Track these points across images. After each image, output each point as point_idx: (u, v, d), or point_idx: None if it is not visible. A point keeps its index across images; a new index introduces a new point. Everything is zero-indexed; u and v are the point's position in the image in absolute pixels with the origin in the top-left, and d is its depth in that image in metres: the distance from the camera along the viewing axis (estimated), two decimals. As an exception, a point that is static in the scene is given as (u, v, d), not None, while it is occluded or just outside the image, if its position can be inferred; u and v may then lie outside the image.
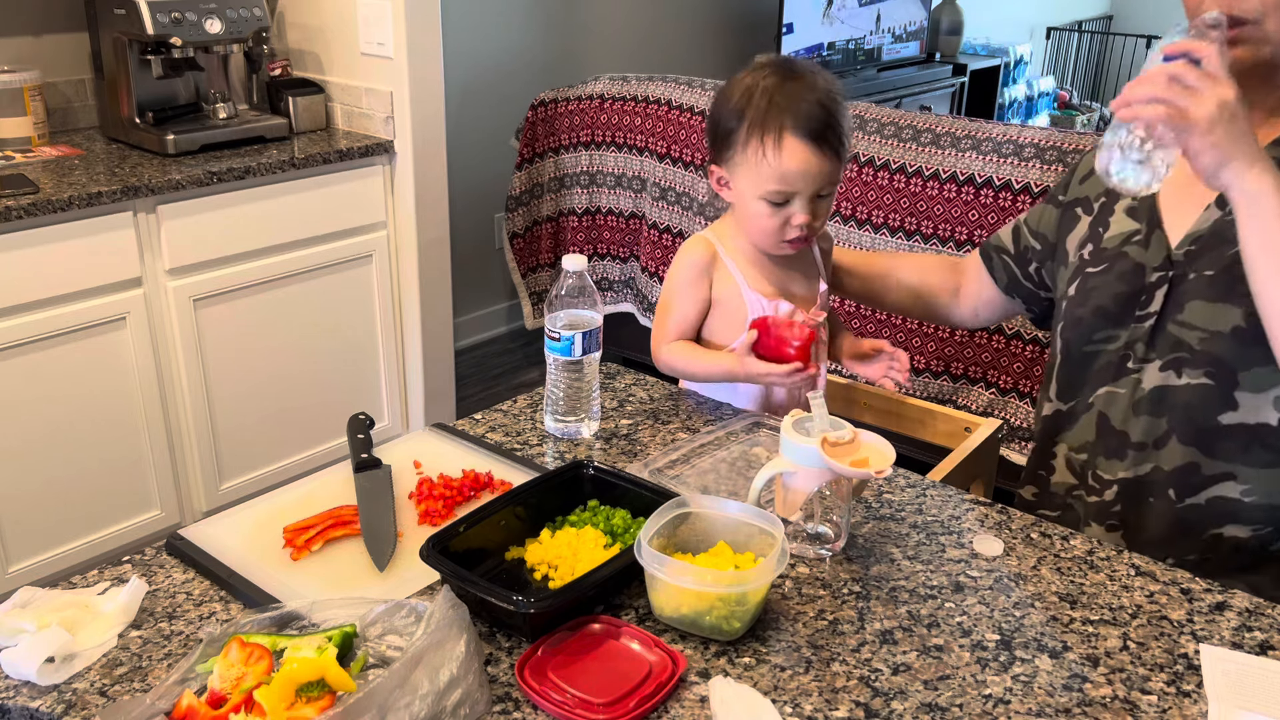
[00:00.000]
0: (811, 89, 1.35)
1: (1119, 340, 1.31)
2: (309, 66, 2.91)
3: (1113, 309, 1.32)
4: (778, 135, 1.34)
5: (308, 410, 2.73)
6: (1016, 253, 1.52)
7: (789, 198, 1.37)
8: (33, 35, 2.64)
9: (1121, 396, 1.31)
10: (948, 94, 5.29)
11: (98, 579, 1.07)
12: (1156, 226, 1.30)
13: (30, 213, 2.12)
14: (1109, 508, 1.33)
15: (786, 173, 1.35)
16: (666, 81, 3.15)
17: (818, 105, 1.34)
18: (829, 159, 1.35)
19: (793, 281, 1.49)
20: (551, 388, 1.36)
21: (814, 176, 1.36)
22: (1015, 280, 1.53)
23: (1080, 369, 1.36)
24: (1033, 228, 1.50)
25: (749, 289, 1.46)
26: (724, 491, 1.23)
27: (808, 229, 1.39)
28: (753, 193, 1.39)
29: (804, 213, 1.38)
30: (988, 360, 2.57)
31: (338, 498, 1.21)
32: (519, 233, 3.43)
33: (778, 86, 1.35)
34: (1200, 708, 0.91)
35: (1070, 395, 1.38)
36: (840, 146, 1.36)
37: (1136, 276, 1.30)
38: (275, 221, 2.53)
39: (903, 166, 2.61)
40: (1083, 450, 1.36)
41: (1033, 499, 1.44)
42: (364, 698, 0.80)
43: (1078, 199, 1.43)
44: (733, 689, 0.90)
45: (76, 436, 2.31)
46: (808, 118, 1.33)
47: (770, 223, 1.40)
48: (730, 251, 1.48)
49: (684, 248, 1.50)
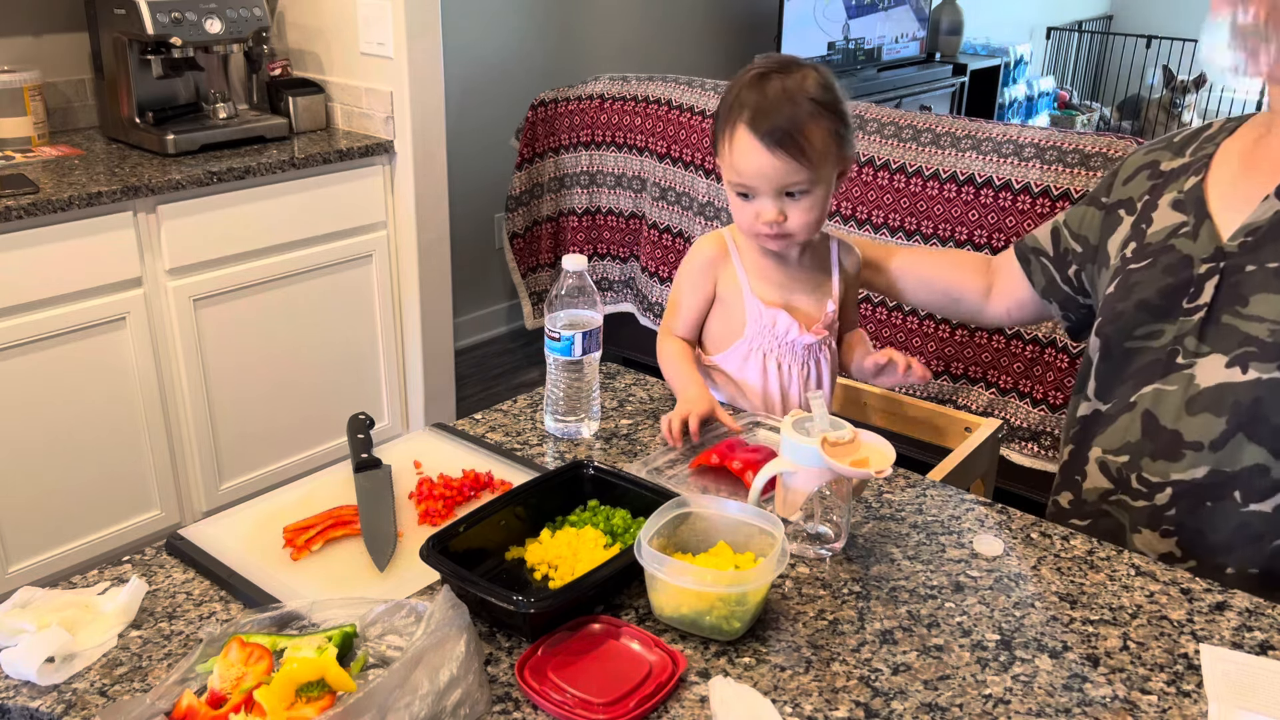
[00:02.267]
0: (784, 89, 1.33)
1: (1165, 335, 1.25)
2: (309, 66, 2.91)
3: (1157, 302, 1.26)
4: (733, 130, 1.35)
5: (308, 410, 2.73)
6: (1056, 255, 1.47)
7: (750, 193, 1.38)
8: (33, 35, 2.64)
9: (1172, 394, 1.24)
10: (948, 94, 5.28)
11: (98, 579, 1.07)
12: (1206, 218, 1.25)
13: (30, 213, 2.12)
14: (1162, 512, 1.26)
15: (739, 168, 1.36)
16: (666, 81, 3.15)
17: (781, 105, 1.32)
18: (783, 159, 1.32)
19: (797, 293, 1.48)
20: (551, 388, 1.36)
21: (768, 175, 1.34)
22: (1053, 283, 1.48)
23: (1121, 366, 1.30)
24: (1074, 230, 1.45)
25: (750, 293, 1.46)
26: (724, 491, 1.23)
27: (778, 226, 1.38)
28: (727, 181, 1.41)
29: (770, 209, 1.37)
30: (988, 360, 2.57)
31: (338, 498, 1.21)
32: (519, 233, 3.43)
33: (751, 83, 1.35)
34: (1200, 708, 0.91)
35: (1109, 394, 1.32)
36: (802, 149, 1.32)
37: (1184, 268, 1.24)
38: (275, 221, 2.53)
39: (903, 166, 2.61)
40: (1123, 452, 1.29)
41: (1068, 506, 1.38)
42: (364, 698, 0.80)
43: (1121, 200, 1.39)
44: (733, 689, 0.90)
45: (76, 437, 2.31)
46: (763, 116, 1.32)
47: (743, 214, 1.41)
48: (742, 251, 1.48)
49: (697, 242, 1.51)
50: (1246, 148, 1.28)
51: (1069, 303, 1.49)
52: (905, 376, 1.44)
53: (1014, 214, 2.45)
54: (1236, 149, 1.29)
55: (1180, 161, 1.34)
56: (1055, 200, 2.39)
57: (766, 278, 1.47)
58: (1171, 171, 1.34)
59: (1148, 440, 1.27)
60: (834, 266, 1.51)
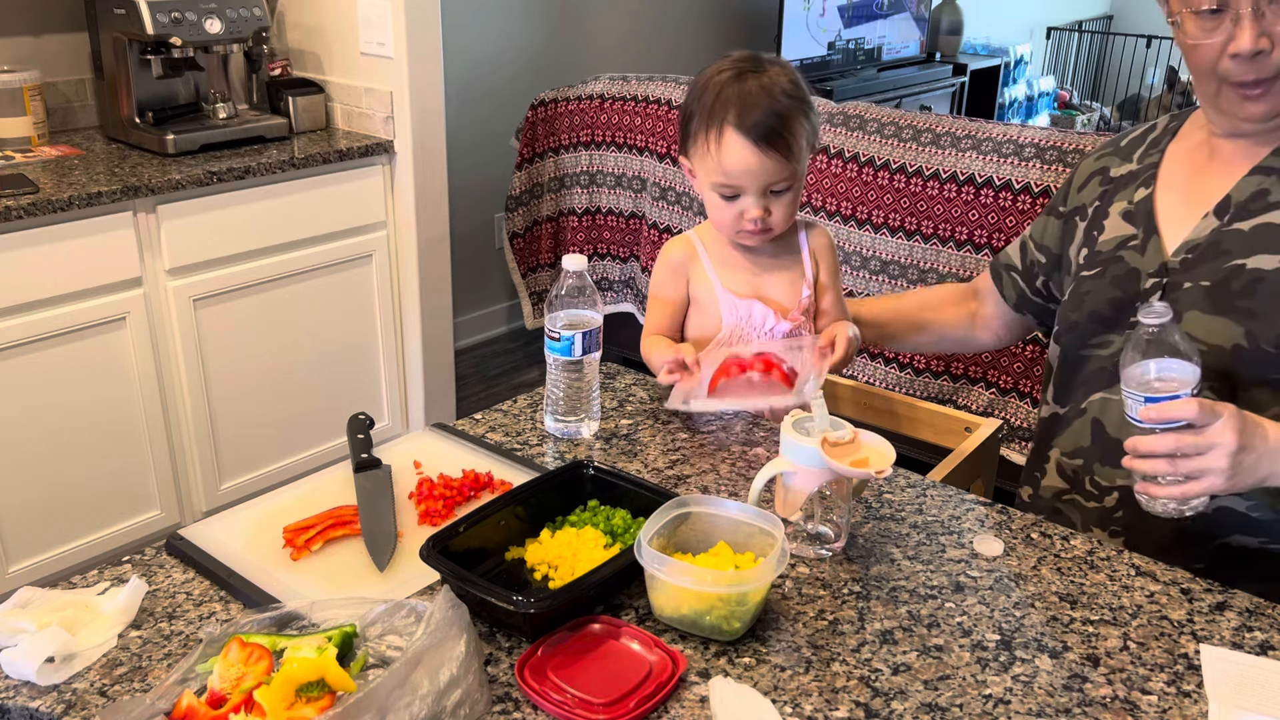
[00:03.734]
0: (763, 87, 1.34)
1: (1113, 345, 1.30)
2: (309, 66, 2.91)
3: (1107, 313, 1.31)
4: (719, 130, 1.35)
5: (308, 410, 2.73)
6: (1024, 268, 1.51)
7: (736, 192, 1.38)
8: (33, 35, 2.64)
9: (1116, 404, 1.28)
10: (948, 94, 5.28)
11: (98, 579, 1.07)
12: (1154, 233, 1.29)
13: (30, 213, 2.12)
14: (1110, 514, 1.31)
15: (727, 168, 1.36)
16: (666, 81, 3.15)
17: (765, 103, 1.33)
18: (772, 157, 1.34)
19: (769, 284, 1.48)
20: (551, 388, 1.36)
21: (756, 173, 1.35)
22: (1024, 296, 1.52)
23: (1074, 373, 1.36)
24: (1037, 240, 1.49)
25: (722, 288, 1.47)
26: (724, 491, 1.23)
27: (762, 222, 1.39)
28: (705, 183, 1.41)
29: (755, 207, 1.38)
30: (988, 360, 2.57)
31: (338, 498, 1.21)
32: (519, 233, 3.43)
33: (729, 82, 1.35)
34: (1200, 708, 0.91)
35: (1065, 400, 1.37)
36: (788, 145, 1.34)
37: (1132, 281, 1.29)
38: (275, 221, 2.53)
39: (903, 166, 2.61)
40: (1077, 455, 1.34)
41: (1028, 500, 1.44)
42: (364, 698, 0.80)
43: (1076, 208, 1.43)
44: (733, 689, 0.90)
45: (76, 437, 2.31)
46: (750, 116, 1.33)
47: (725, 214, 1.41)
48: (709, 250, 1.48)
49: (664, 247, 1.52)
50: (1192, 155, 1.30)
51: (1042, 312, 1.52)
52: None
53: (1014, 214, 2.45)
54: (1183, 155, 1.32)
55: (1128, 168, 1.38)
56: (1055, 200, 2.39)
57: (736, 272, 1.48)
58: (1120, 178, 1.38)
59: (1097, 446, 1.31)
60: (803, 249, 1.49)
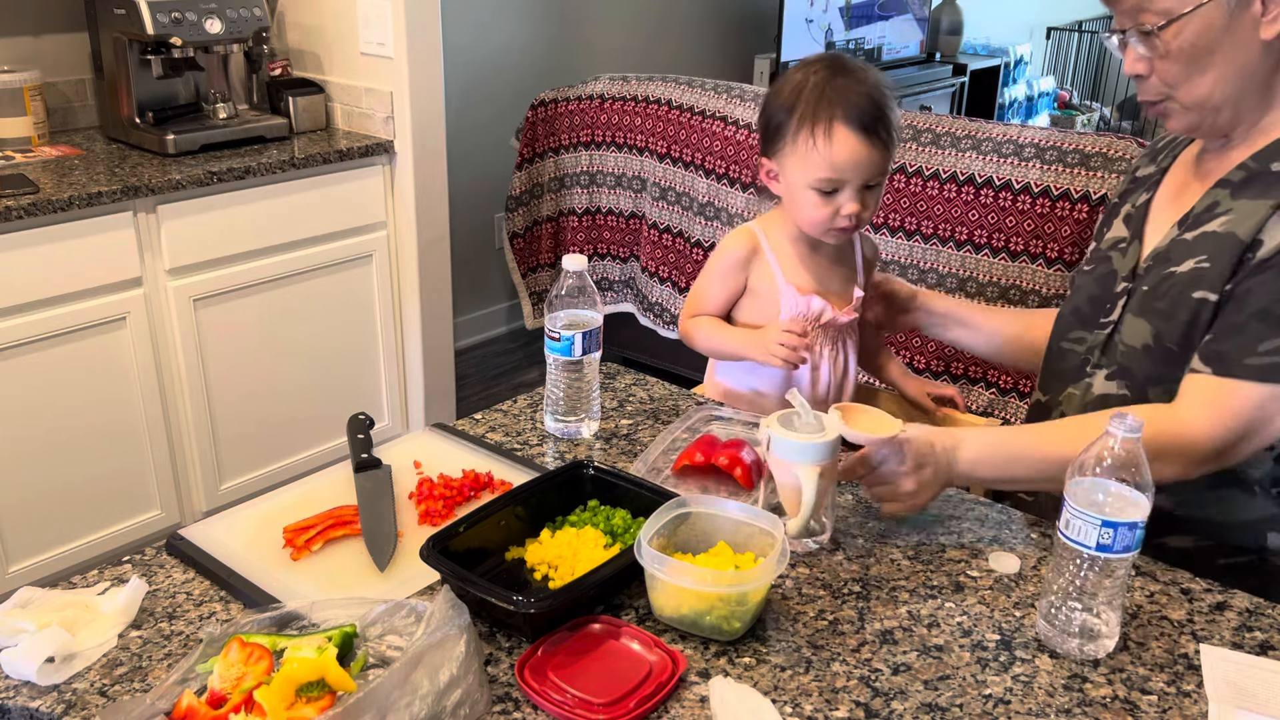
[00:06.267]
0: (861, 83, 1.40)
1: (1086, 342, 1.34)
2: (309, 66, 2.91)
3: (1086, 310, 1.35)
4: (828, 125, 1.38)
5: (308, 410, 2.73)
6: None
7: (838, 186, 1.41)
8: (33, 35, 2.64)
9: (1076, 399, 1.33)
10: (948, 94, 5.28)
11: (98, 579, 1.07)
12: (1138, 237, 1.32)
13: (30, 213, 2.12)
14: None
15: (836, 162, 1.39)
16: (666, 81, 3.15)
17: (867, 97, 1.39)
18: (877, 149, 1.40)
19: (831, 280, 1.54)
20: (551, 388, 1.36)
21: (863, 166, 1.40)
22: None
23: (1055, 364, 1.40)
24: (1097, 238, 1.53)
25: (784, 280, 1.50)
26: (724, 491, 1.23)
27: (856, 218, 1.43)
28: (803, 182, 1.42)
29: (853, 202, 1.42)
30: (988, 360, 2.56)
31: (338, 498, 1.21)
32: (519, 233, 3.43)
33: (828, 80, 1.40)
34: (1200, 708, 0.91)
35: (1048, 388, 1.41)
36: (889, 138, 1.41)
37: (1109, 283, 1.33)
38: (275, 221, 2.53)
39: (903, 166, 2.61)
40: None
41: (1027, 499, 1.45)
42: (364, 698, 0.80)
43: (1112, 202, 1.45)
44: (733, 689, 0.90)
45: (76, 437, 2.31)
46: (858, 109, 1.38)
47: (820, 212, 1.43)
48: (774, 244, 1.52)
49: (727, 237, 1.55)
50: (1190, 165, 1.33)
51: None
52: None
53: (1014, 214, 2.45)
54: (1186, 164, 1.34)
55: (1148, 171, 1.40)
56: (1055, 200, 2.39)
57: (802, 267, 1.52)
58: (1140, 180, 1.41)
59: None
60: (858, 254, 1.57)
